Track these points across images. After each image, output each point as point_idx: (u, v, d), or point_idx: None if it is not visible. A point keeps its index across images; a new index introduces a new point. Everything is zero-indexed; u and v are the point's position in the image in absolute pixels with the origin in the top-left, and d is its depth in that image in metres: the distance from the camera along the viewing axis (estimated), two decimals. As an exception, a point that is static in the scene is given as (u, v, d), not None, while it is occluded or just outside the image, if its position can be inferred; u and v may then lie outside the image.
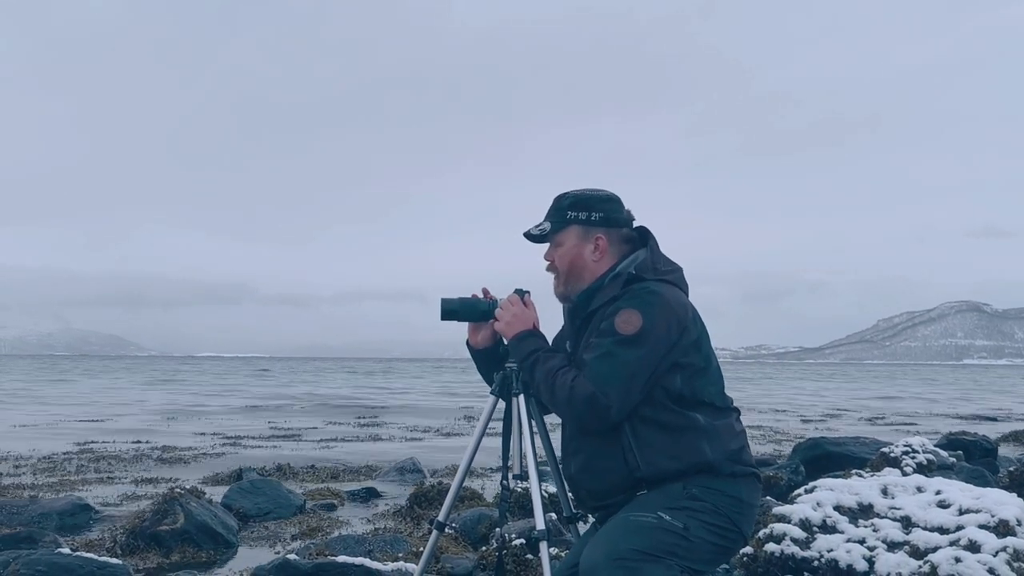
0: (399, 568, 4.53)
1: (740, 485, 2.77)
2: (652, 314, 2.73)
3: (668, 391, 2.76)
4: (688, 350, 2.78)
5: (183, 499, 5.93)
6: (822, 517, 4.12)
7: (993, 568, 3.58)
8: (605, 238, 2.95)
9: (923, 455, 7.34)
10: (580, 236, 2.96)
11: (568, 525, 3.70)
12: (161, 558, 5.51)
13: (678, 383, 2.77)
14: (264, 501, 7.19)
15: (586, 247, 2.96)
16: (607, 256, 2.95)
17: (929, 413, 24.19)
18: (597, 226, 2.95)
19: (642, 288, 2.81)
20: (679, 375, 2.77)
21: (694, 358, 2.80)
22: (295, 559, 4.49)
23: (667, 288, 2.84)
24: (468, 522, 6.01)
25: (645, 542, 2.58)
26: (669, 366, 2.76)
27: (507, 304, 3.13)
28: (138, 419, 19.13)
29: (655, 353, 2.72)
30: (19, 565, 4.40)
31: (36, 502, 6.88)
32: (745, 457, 2.83)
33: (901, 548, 3.85)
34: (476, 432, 3.46)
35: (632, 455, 2.76)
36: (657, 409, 2.76)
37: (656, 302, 2.76)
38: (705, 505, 2.69)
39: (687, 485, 2.71)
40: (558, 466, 3.59)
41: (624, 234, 3.00)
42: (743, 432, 2.90)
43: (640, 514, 2.66)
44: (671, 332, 2.75)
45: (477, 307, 3.33)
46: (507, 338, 3.12)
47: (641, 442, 2.76)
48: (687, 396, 2.77)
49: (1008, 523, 3.91)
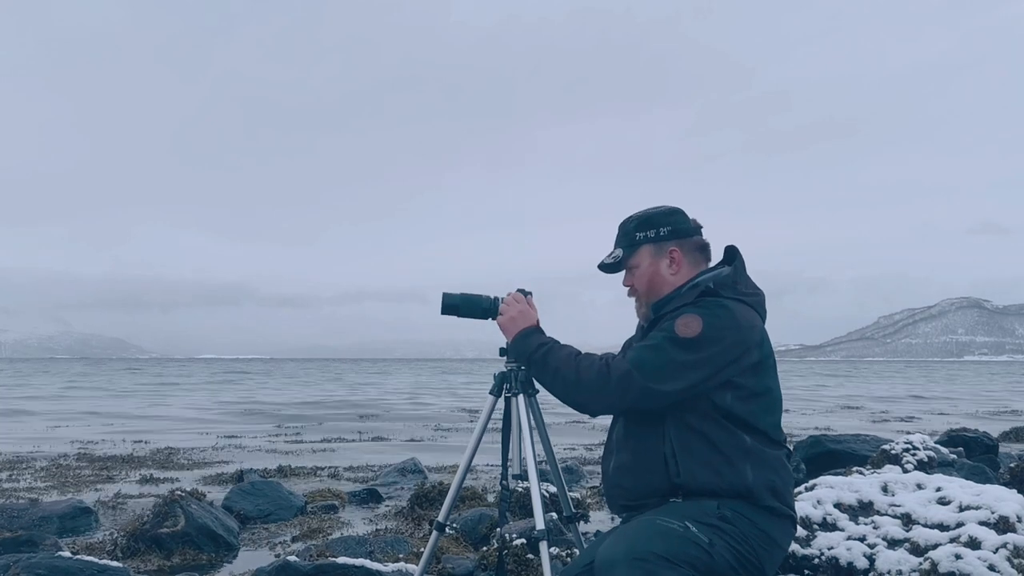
0: (400, 569, 4.52)
1: (774, 523, 2.75)
2: (714, 325, 2.71)
3: (717, 406, 2.74)
4: (746, 372, 2.76)
5: (183, 501, 5.92)
6: (822, 515, 4.11)
7: (993, 565, 3.58)
8: (679, 250, 2.96)
9: (924, 452, 7.32)
10: (653, 254, 2.97)
11: (568, 525, 3.71)
12: (162, 560, 5.50)
13: (728, 400, 2.75)
14: (265, 503, 7.18)
15: (661, 263, 2.96)
16: (684, 267, 2.96)
17: (929, 410, 24.18)
18: (668, 240, 2.96)
19: (714, 301, 2.80)
20: (730, 393, 2.75)
21: (750, 381, 2.77)
22: (295, 560, 4.49)
23: (741, 307, 2.82)
24: (469, 522, 6.01)
25: (667, 547, 2.56)
26: (722, 382, 2.73)
27: (511, 301, 3.14)
28: (137, 422, 19.13)
29: (707, 364, 2.70)
30: (19, 568, 4.39)
31: (36, 505, 6.87)
32: (787, 497, 2.80)
33: (901, 545, 3.85)
34: (475, 432, 3.47)
35: (673, 461, 2.75)
36: (705, 421, 2.74)
37: (722, 315, 2.75)
38: (734, 529, 2.66)
39: (721, 505, 2.69)
40: (558, 466, 3.60)
41: (696, 242, 3.00)
42: (790, 472, 2.87)
43: (667, 520, 2.64)
44: (730, 349, 2.72)
45: (479, 303, 3.32)
46: (510, 335, 3.13)
47: (684, 450, 2.74)
48: (737, 415, 2.74)
49: (1008, 520, 3.91)
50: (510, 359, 3.36)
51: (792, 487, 2.88)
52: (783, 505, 2.77)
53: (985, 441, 9.93)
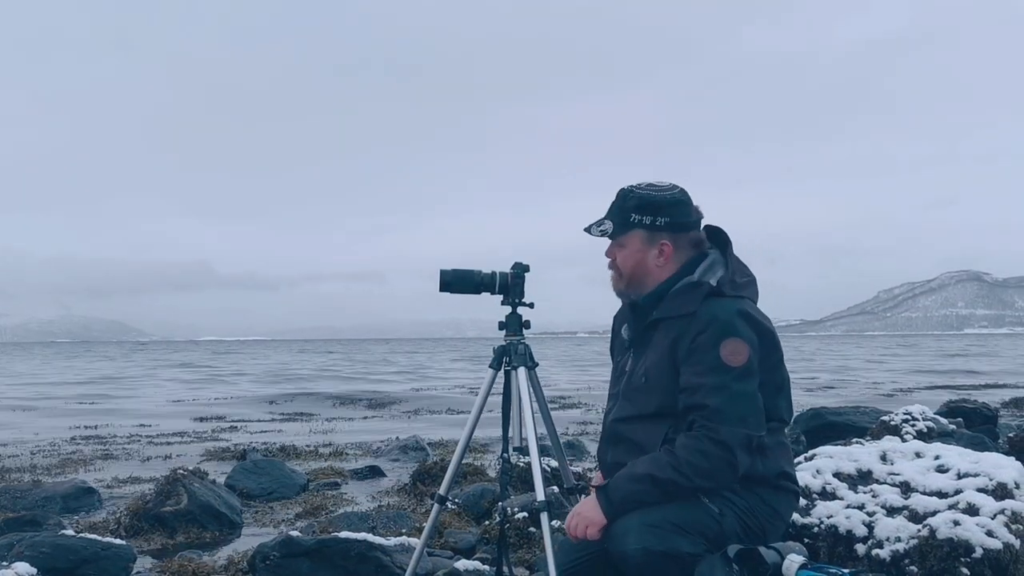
0: (402, 543, 4.55)
1: (780, 498, 2.79)
2: (751, 338, 2.69)
3: None
4: (773, 367, 2.78)
5: (186, 480, 5.95)
6: (821, 484, 4.13)
7: (992, 531, 3.60)
8: (671, 244, 2.84)
9: (923, 423, 7.35)
10: (644, 241, 2.85)
11: (569, 497, 3.73)
12: (166, 539, 5.54)
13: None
14: (268, 481, 7.22)
15: (650, 252, 2.85)
16: (671, 262, 2.85)
17: (929, 383, 24.25)
18: (662, 231, 2.83)
19: (733, 309, 2.73)
20: (760, 392, 2.74)
21: (776, 376, 2.79)
22: (298, 535, 4.51)
23: (753, 308, 2.81)
24: (471, 497, 6.04)
25: (679, 515, 2.61)
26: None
27: (570, 524, 2.79)
28: (141, 402, 19.20)
29: (758, 375, 2.70)
30: (23, 547, 4.42)
31: (39, 486, 6.91)
32: (791, 474, 2.85)
33: (900, 513, 3.87)
34: (475, 407, 3.47)
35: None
36: None
37: (749, 322, 2.73)
38: (743, 503, 2.70)
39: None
40: (558, 439, 3.61)
41: (692, 238, 2.88)
42: (790, 448, 2.91)
43: None
44: (762, 351, 2.73)
45: (471, 278, 3.32)
46: (606, 520, 2.69)
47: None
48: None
49: (1006, 486, 3.92)
50: (509, 332, 3.36)
51: (792, 461, 2.92)
52: (788, 482, 2.83)
53: (984, 412, 9.97)
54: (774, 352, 2.79)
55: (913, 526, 3.75)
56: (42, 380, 31.34)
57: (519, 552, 4.85)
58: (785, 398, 2.85)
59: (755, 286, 2.92)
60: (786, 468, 2.82)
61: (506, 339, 3.37)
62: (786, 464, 2.83)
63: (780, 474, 2.79)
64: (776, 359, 2.80)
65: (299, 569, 4.35)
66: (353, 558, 4.36)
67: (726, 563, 2.53)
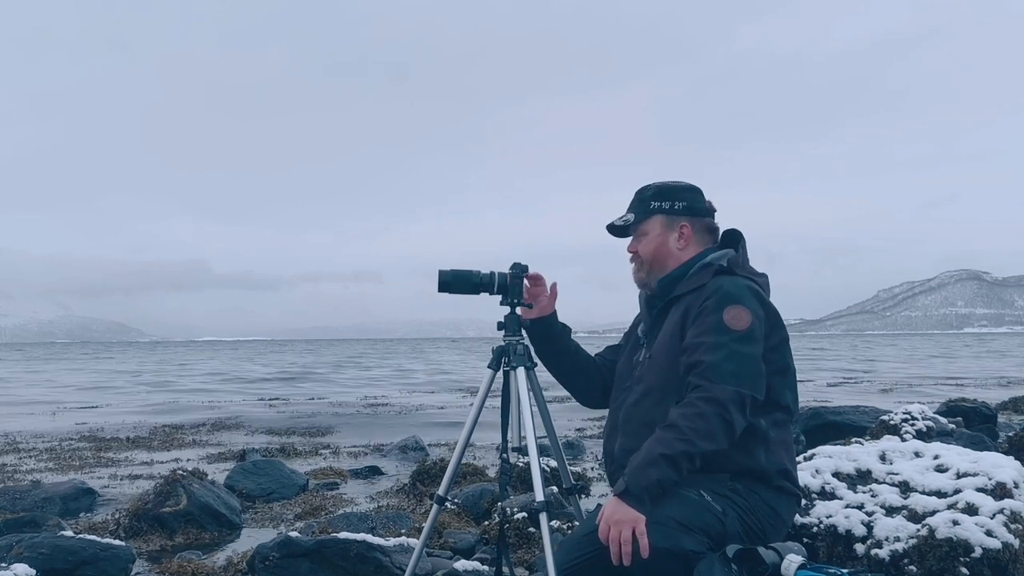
0: (401, 543, 4.55)
1: (782, 501, 2.79)
2: (756, 308, 2.72)
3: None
4: (775, 347, 2.78)
5: (186, 481, 5.95)
6: (820, 484, 4.13)
7: (991, 530, 3.60)
8: (690, 226, 2.95)
9: (923, 422, 7.36)
10: (664, 225, 2.96)
11: (568, 497, 3.72)
12: (165, 540, 5.54)
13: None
14: (267, 481, 7.23)
15: (671, 235, 2.95)
16: (691, 244, 2.95)
17: (929, 381, 24.26)
18: (681, 215, 2.95)
19: (741, 283, 2.78)
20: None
21: (778, 357, 2.79)
22: (297, 536, 4.51)
23: (763, 290, 2.85)
24: (470, 497, 6.04)
25: (684, 513, 2.60)
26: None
27: (603, 525, 2.65)
28: (139, 402, 19.19)
29: (762, 346, 2.71)
30: (23, 548, 4.42)
31: (39, 486, 6.91)
32: (792, 474, 2.85)
33: (899, 512, 3.87)
34: (474, 407, 3.47)
35: None
36: None
37: (757, 296, 2.77)
38: (745, 503, 2.71)
39: (733, 478, 2.72)
40: (557, 439, 3.60)
41: (707, 223, 2.99)
42: (793, 447, 2.90)
43: (682, 488, 2.65)
44: (766, 327, 2.74)
45: (469, 279, 3.32)
46: (643, 515, 2.60)
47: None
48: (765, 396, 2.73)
49: (1005, 485, 3.93)
50: (508, 333, 3.36)
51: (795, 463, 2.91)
52: (790, 484, 2.82)
53: (984, 411, 9.97)
54: (779, 330, 2.80)
55: (912, 526, 3.75)
56: (42, 380, 31.33)
57: (518, 552, 4.85)
58: (790, 386, 2.84)
59: (767, 281, 2.96)
60: (788, 466, 2.81)
61: (505, 339, 3.36)
62: (788, 462, 2.82)
63: (781, 471, 2.77)
64: (780, 340, 2.80)
65: (299, 569, 4.36)
66: (352, 558, 4.37)
67: (725, 563, 2.53)
